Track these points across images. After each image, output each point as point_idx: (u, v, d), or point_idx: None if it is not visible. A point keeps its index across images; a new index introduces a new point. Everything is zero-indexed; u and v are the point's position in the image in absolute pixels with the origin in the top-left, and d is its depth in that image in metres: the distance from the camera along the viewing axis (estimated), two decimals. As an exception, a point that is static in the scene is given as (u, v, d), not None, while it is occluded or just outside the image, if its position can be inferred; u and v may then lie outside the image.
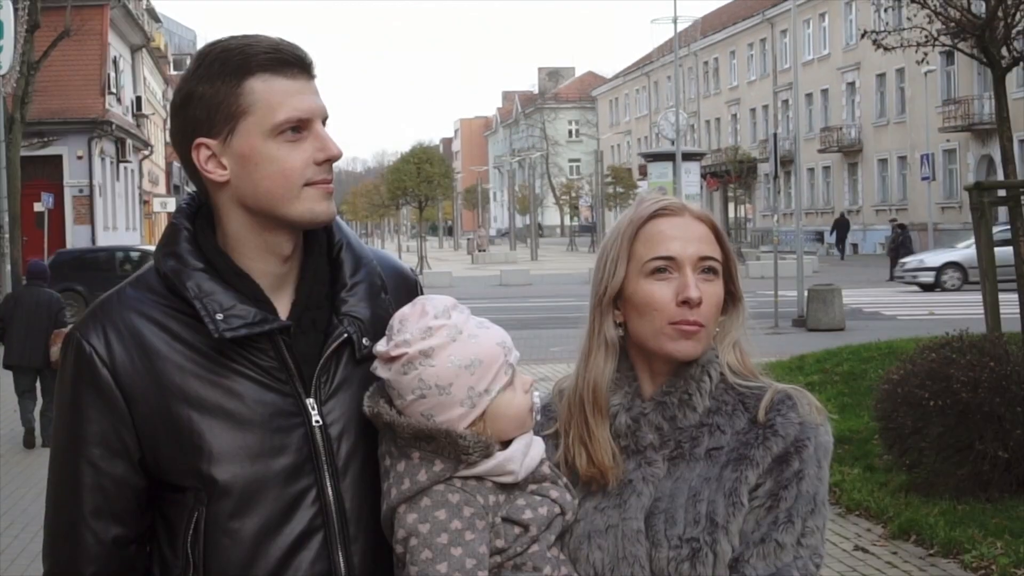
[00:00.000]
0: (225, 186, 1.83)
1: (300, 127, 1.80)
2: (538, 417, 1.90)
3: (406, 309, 1.86)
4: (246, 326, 1.79)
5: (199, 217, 1.88)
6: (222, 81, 1.78)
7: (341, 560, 1.82)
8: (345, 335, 1.86)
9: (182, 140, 1.84)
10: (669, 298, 1.90)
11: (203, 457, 1.78)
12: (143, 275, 1.88)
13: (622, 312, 1.96)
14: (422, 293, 2.01)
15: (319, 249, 1.90)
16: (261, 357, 1.82)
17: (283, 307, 1.86)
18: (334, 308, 1.88)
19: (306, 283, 1.88)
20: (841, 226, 47.95)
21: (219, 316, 1.78)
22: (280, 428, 1.81)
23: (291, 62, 1.81)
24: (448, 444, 1.79)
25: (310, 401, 1.83)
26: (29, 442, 10.78)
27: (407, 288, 2.00)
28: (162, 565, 1.85)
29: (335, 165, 1.87)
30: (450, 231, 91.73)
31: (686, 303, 1.89)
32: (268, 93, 1.78)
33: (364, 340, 1.87)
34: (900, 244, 33.60)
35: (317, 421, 1.83)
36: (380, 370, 1.84)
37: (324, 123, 1.84)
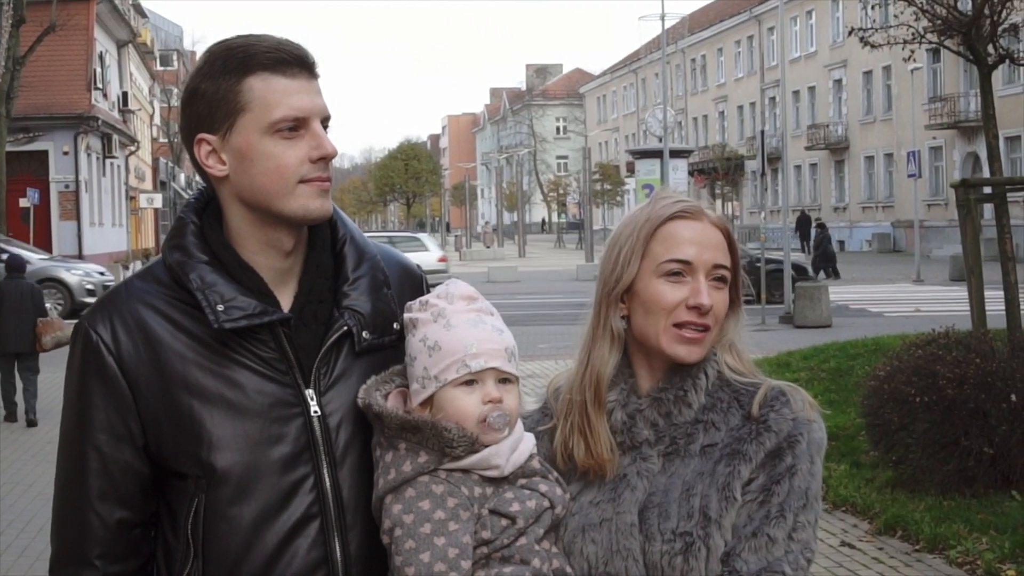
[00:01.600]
0: (225, 181, 1.88)
1: (297, 125, 1.84)
2: (504, 435, 1.88)
3: (441, 285, 1.96)
4: (246, 317, 1.83)
5: (208, 211, 1.93)
6: (223, 78, 1.83)
7: (337, 547, 1.85)
8: (345, 328, 1.90)
9: (187, 135, 1.90)
10: (679, 300, 1.92)
11: (203, 444, 1.83)
12: (151, 267, 1.94)
13: (627, 306, 1.98)
14: (428, 288, 2.05)
15: (323, 244, 1.95)
16: (262, 348, 1.86)
17: (286, 300, 1.91)
18: (336, 301, 1.92)
19: (309, 276, 1.92)
20: (803, 223, 48.00)
21: (220, 307, 1.83)
22: (279, 417, 1.85)
23: (291, 61, 1.85)
24: (433, 436, 1.82)
25: (309, 392, 1.88)
26: (11, 416, 11.89)
27: (412, 283, 2.04)
28: (165, 550, 1.90)
29: None
30: (448, 228, 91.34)
31: (696, 308, 1.91)
32: (266, 91, 1.83)
33: (364, 333, 1.92)
34: (820, 243, 33.69)
35: (316, 411, 1.87)
36: None
37: (326, 122, 1.88)
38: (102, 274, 24.93)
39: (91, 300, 23.15)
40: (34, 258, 23.30)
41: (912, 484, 7.42)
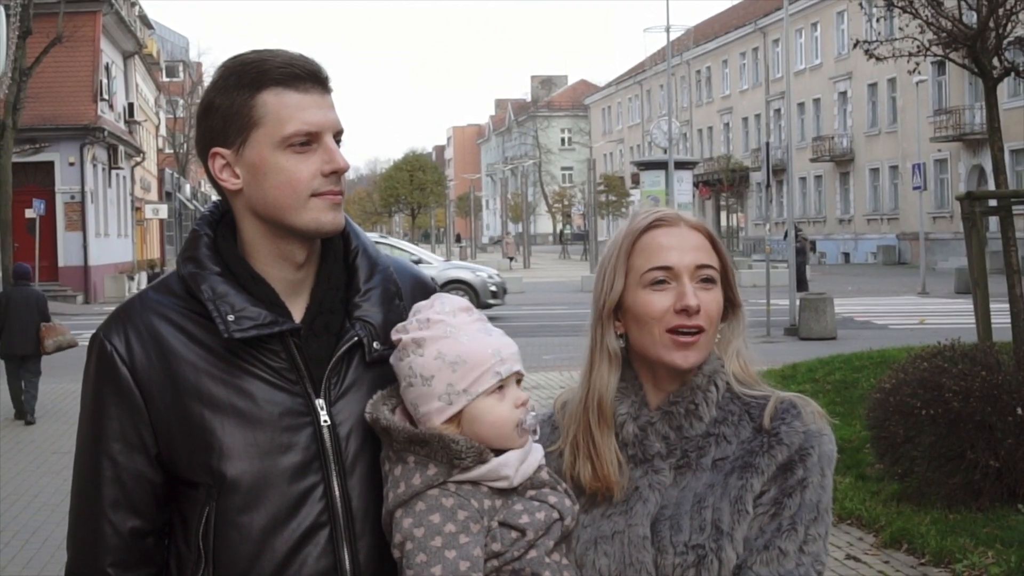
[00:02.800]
0: (239, 194, 1.90)
1: (309, 140, 1.86)
2: (535, 437, 1.91)
3: (423, 302, 1.94)
4: (256, 327, 1.85)
5: (222, 224, 1.95)
6: (237, 93, 1.86)
7: (347, 555, 1.87)
8: (356, 338, 1.92)
9: (201, 149, 1.93)
10: (667, 307, 1.92)
11: (214, 453, 1.85)
12: (166, 279, 1.96)
13: (623, 323, 1.98)
14: None
15: (335, 255, 1.97)
16: (272, 358, 1.88)
17: (298, 311, 1.93)
18: (348, 312, 1.94)
19: (321, 288, 1.94)
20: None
21: (230, 317, 1.85)
22: (289, 427, 1.87)
23: (304, 76, 1.87)
24: (441, 448, 1.83)
25: (319, 401, 1.89)
26: (20, 414, 12.72)
27: (425, 295, 2.05)
28: (178, 558, 1.92)
29: None
30: (459, 238, 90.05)
31: (684, 311, 1.91)
32: (279, 106, 1.85)
33: (375, 344, 1.93)
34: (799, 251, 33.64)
35: (325, 421, 1.89)
36: (392, 355, 1.91)
37: (339, 136, 1.90)
38: (499, 275, 26.33)
39: (495, 301, 24.32)
40: (436, 260, 25.11)
41: (918, 497, 7.40)
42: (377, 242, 25.06)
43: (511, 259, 58.51)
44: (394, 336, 1.90)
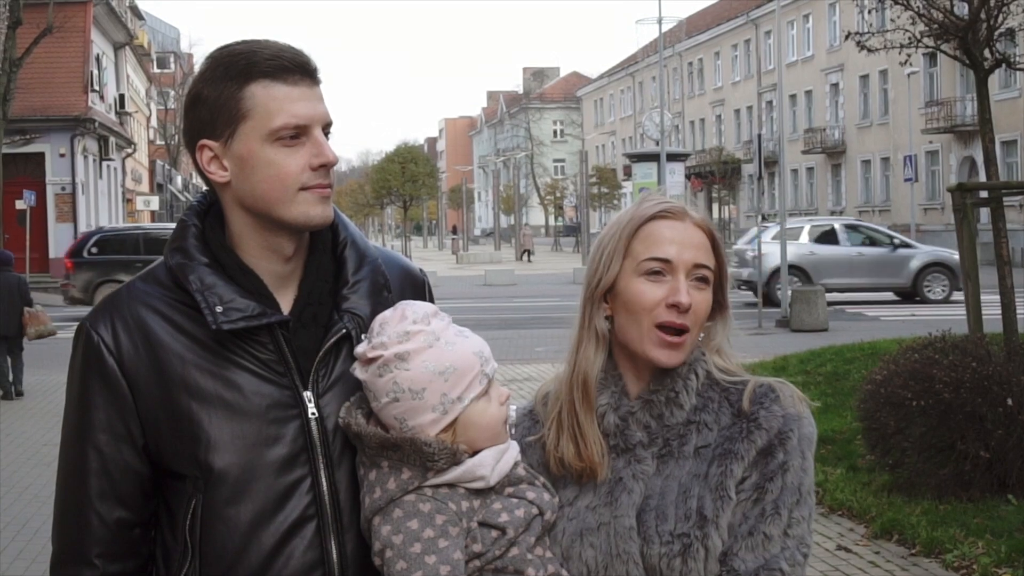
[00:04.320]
0: (227, 187, 1.89)
1: (298, 133, 1.85)
2: (513, 431, 1.91)
3: (387, 312, 1.89)
4: (244, 319, 1.84)
5: (210, 215, 1.94)
6: (225, 85, 1.84)
7: (334, 548, 1.86)
8: (344, 330, 1.90)
9: (189, 140, 1.91)
10: (658, 299, 1.92)
11: (200, 445, 1.84)
12: (153, 269, 1.95)
13: (611, 306, 1.98)
14: (430, 292, 2.04)
15: (323, 247, 1.96)
16: (260, 350, 1.87)
17: (287, 303, 1.91)
18: (336, 304, 1.93)
19: (309, 280, 1.93)
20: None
21: (219, 308, 1.84)
22: (276, 419, 1.86)
23: (292, 69, 1.85)
24: (413, 452, 1.81)
25: (307, 394, 1.88)
26: (7, 394, 13.49)
27: (414, 287, 2.04)
28: (164, 550, 1.91)
29: None
30: (455, 230, 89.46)
31: (675, 307, 1.91)
32: (267, 99, 1.83)
33: (363, 336, 1.91)
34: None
35: (313, 413, 1.88)
36: (358, 371, 1.86)
37: (328, 129, 1.88)
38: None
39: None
40: (920, 246, 25.08)
41: (908, 488, 7.42)
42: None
43: (528, 252, 56.51)
44: (371, 353, 1.84)
